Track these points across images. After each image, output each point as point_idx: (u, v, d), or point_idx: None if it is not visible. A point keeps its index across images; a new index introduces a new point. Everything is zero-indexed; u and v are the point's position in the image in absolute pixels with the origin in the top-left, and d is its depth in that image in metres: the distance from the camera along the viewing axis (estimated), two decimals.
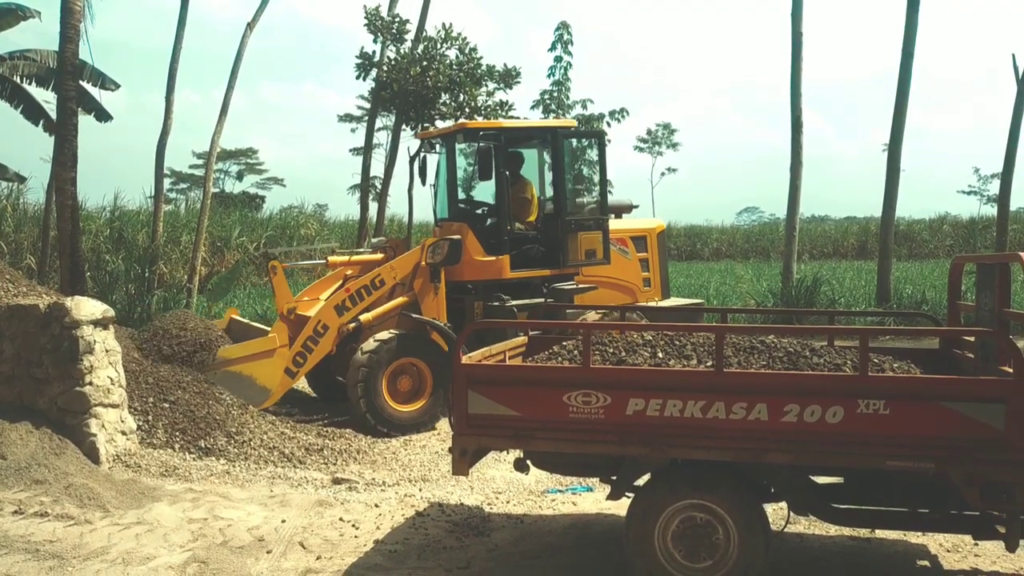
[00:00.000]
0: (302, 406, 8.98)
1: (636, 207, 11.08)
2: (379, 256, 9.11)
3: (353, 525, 5.39)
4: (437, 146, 9.75)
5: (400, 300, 8.50)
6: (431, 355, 8.24)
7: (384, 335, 8.10)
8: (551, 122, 9.53)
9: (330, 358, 8.51)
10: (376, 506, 5.80)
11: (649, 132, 53.30)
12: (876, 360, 4.37)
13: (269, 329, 8.64)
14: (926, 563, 4.80)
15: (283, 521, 5.43)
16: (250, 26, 16.50)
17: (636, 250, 10.01)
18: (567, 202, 9.15)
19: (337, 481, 6.45)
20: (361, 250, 10.07)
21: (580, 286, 9.16)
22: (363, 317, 8.30)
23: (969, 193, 69.82)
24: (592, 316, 8.24)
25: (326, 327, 8.16)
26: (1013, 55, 17.76)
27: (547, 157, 9.60)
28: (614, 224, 9.73)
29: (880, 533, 5.10)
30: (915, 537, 5.07)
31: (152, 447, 6.76)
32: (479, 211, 9.47)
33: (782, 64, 18.39)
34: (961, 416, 3.70)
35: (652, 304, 9.69)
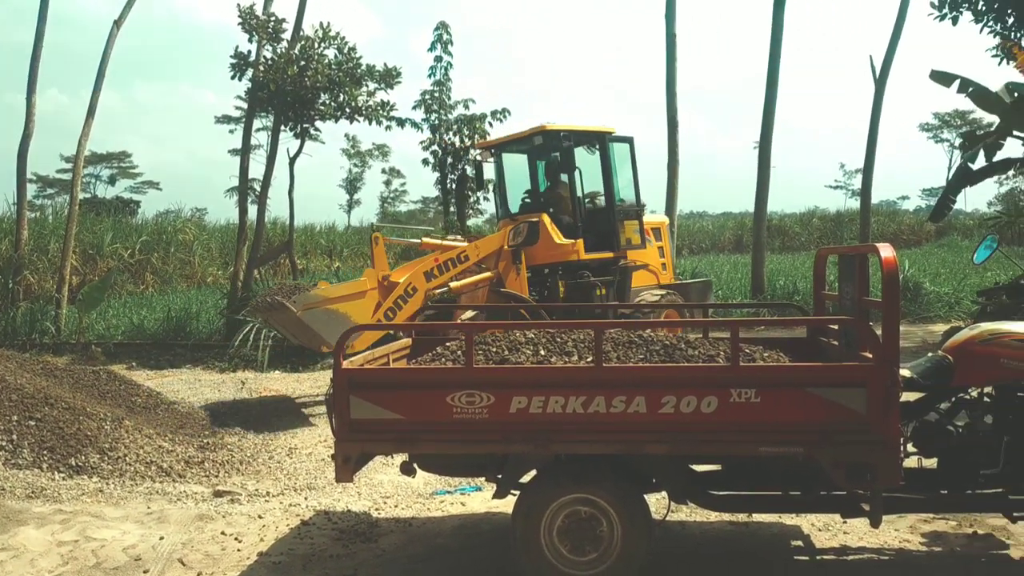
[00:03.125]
0: (188, 419, 8.68)
1: (644, 205, 12.36)
2: (463, 244, 10.11)
3: (236, 538, 5.23)
4: (491, 153, 11.22)
5: (487, 275, 9.64)
6: None
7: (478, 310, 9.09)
8: (601, 127, 11.02)
9: None
10: (260, 517, 5.64)
11: None
12: (747, 350, 4.52)
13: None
14: (800, 543, 5.01)
15: (161, 538, 5.22)
16: (117, 24, 15.87)
17: (655, 240, 11.73)
18: (615, 195, 10.78)
19: (219, 494, 6.25)
20: (451, 237, 11.57)
21: (637, 264, 10.99)
22: (452, 284, 9.32)
23: (836, 187, 73.49)
24: (649, 298, 10.43)
25: (415, 289, 9.13)
26: (870, 56, 18.70)
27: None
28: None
29: (757, 517, 5.30)
30: (789, 519, 5.30)
31: (17, 468, 6.39)
32: (545, 203, 10.82)
33: (661, 64, 18.88)
34: (826, 401, 3.86)
35: (683, 282, 12.12)
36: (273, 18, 14.49)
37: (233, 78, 14.52)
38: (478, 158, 11.33)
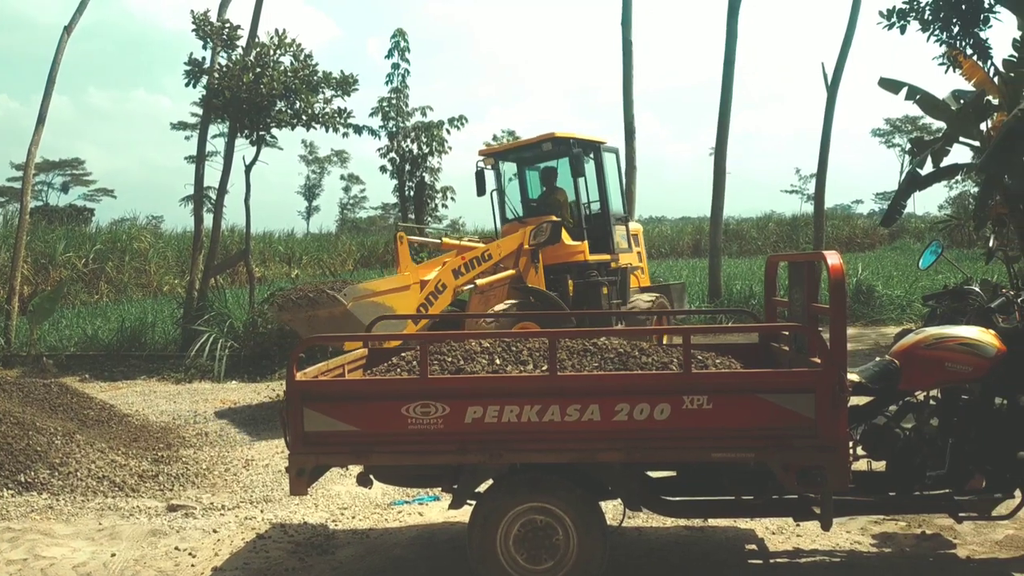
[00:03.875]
0: (142, 432, 8.55)
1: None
2: (482, 245, 10.38)
3: (190, 553, 5.16)
4: (492, 160, 11.59)
5: (510, 272, 9.95)
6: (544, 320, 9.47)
7: (507, 302, 9.47)
8: (596, 137, 11.61)
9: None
10: (214, 531, 5.58)
11: (495, 138, 53.71)
12: (700, 357, 4.57)
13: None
14: (754, 546, 5.07)
15: (113, 555, 5.13)
16: (67, 30, 15.57)
17: (634, 245, 12.22)
18: (608, 201, 11.35)
19: (173, 508, 6.16)
20: (468, 239, 11.84)
21: (632, 266, 11.60)
22: (479, 281, 9.55)
23: (791, 192, 74.73)
24: (641, 304, 10.77)
25: (445, 286, 9.37)
26: (822, 64, 19.01)
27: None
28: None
29: (712, 521, 5.35)
30: (743, 523, 5.36)
31: None
32: (543, 209, 11.24)
33: (617, 70, 19.04)
34: (776, 407, 3.91)
35: (665, 284, 12.59)
36: (228, 25, 14.37)
37: (187, 85, 14.38)
38: (480, 164, 11.72)
